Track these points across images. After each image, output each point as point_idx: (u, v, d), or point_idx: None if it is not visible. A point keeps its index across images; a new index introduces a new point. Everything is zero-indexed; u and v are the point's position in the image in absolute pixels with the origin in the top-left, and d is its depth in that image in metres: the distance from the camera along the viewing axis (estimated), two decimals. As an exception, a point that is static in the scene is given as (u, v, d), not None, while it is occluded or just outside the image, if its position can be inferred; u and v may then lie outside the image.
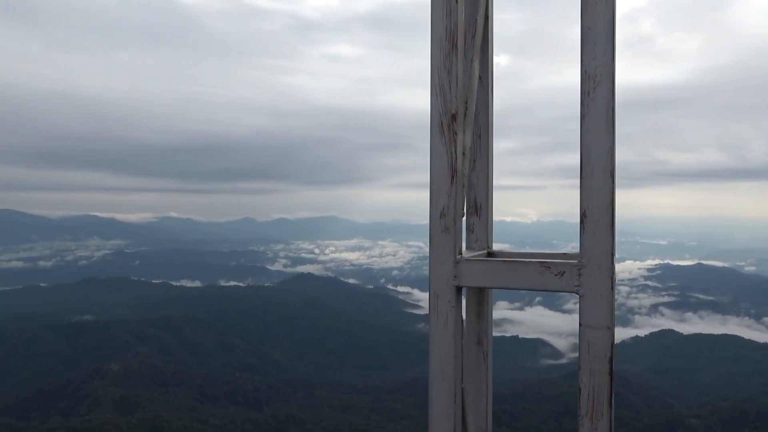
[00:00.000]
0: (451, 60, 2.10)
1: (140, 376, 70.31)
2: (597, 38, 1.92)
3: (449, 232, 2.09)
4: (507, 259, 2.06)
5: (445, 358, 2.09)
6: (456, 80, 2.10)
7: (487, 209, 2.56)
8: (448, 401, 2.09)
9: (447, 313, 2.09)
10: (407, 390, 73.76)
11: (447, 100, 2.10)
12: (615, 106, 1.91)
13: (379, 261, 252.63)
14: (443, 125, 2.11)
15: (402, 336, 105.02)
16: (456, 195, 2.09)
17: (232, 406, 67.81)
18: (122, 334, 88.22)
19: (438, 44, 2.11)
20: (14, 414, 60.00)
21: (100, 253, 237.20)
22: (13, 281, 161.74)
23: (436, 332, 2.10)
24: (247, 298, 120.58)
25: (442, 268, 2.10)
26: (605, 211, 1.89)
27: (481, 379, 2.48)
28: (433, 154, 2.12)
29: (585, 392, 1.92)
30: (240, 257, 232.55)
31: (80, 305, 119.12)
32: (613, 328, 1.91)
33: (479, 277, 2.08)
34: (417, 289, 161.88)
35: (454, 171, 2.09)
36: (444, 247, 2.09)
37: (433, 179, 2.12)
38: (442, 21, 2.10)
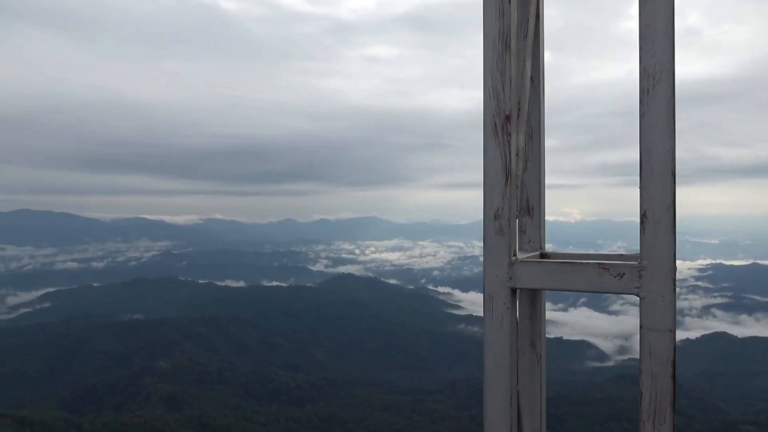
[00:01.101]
0: (504, 61, 2.09)
1: (187, 373, 72.27)
2: (656, 35, 1.88)
3: (504, 233, 2.08)
4: (564, 261, 2.04)
5: (500, 360, 2.09)
6: (510, 81, 2.09)
7: (540, 210, 2.54)
8: (504, 404, 2.09)
9: (502, 315, 2.08)
10: (448, 391, 73.33)
11: (500, 101, 2.09)
12: (675, 104, 1.87)
13: (420, 261, 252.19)
14: (497, 126, 2.10)
15: (442, 336, 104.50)
16: (510, 196, 2.08)
17: (276, 404, 68.91)
18: (170, 333, 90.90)
19: (491, 45, 2.11)
20: (70, 408, 62.61)
21: (149, 254, 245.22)
22: (69, 281, 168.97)
23: (491, 334, 2.10)
24: (290, 298, 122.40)
25: (496, 270, 2.09)
26: (666, 212, 1.85)
27: (534, 382, 2.46)
28: (487, 155, 2.11)
29: (647, 396, 1.88)
30: (282, 258, 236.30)
31: (130, 304, 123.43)
32: (675, 330, 1.86)
33: (535, 278, 2.06)
34: (457, 290, 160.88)
35: (508, 172, 2.08)
36: (498, 249, 2.09)
37: (486, 180, 2.11)
38: (494, 22, 2.10)
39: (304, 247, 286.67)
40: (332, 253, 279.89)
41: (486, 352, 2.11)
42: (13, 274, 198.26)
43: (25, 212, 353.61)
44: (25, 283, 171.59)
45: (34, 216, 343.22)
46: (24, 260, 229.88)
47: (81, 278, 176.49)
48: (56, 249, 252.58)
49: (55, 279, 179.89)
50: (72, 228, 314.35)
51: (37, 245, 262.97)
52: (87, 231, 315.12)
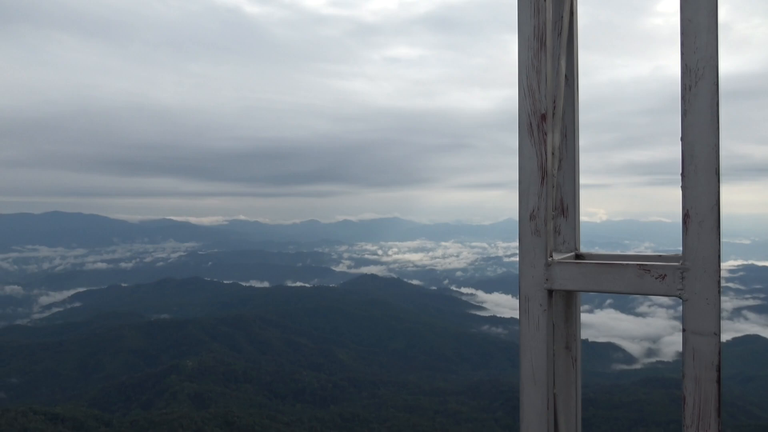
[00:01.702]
0: (539, 59, 2.06)
1: (213, 372, 73.22)
2: (699, 30, 1.83)
3: (540, 234, 2.05)
4: (602, 262, 2.00)
5: (536, 363, 2.05)
6: (545, 79, 2.06)
7: (574, 210, 2.49)
8: (540, 407, 2.05)
9: (538, 317, 2.05)
10: (472, 392, 72.90)
11: (536, 99, 2.06)
12: (719, 101, 1.82)
13: (442, 262, 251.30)
14: (532, 125, 2.07)
15: (466, 338, 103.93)
16: (547, 196, 2.05)
17: (300, 403, 69.35)
18: (196, 332, 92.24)
19: (526, 43, 2.08)
20: (100, 405, 63.98)
21: (175, 255, 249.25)
22: (98, 281, 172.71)
23: (527, 336, 2.06)
24: (313, 298, 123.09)
25: (532, 271, 2.06)
26: (710, 212, 1.80)
27: (570, 385, 2.42)
28: (522, 154, 2.08)
29: (690, 401, 1.83)
30: (305, 258, 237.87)
31: (158, 304, 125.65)
32: (719, 334, 1.81)
33: (572, 280, 2.02)
34: (481, 291, 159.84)
35: (545, 172, 2.05)
36: (535, 250, 2.05)
37: (522, 180, 2.08)
38: (530, 20, 2.07)
39: (327, 248, 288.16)
40: (355, 253, 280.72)
41: (522, 354, 2.07)
42: (45, 274, 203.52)
43: (56, 214, 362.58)
44: (57, 283, 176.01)
45: (65, 218, 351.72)
46: (56, 261, 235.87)
47: (110, 278, 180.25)
48: (86, 250, 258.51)
49: (86, 279, 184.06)
50: (101, 229, 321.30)
51: (68, 246, 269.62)
52: (116, 232, 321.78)
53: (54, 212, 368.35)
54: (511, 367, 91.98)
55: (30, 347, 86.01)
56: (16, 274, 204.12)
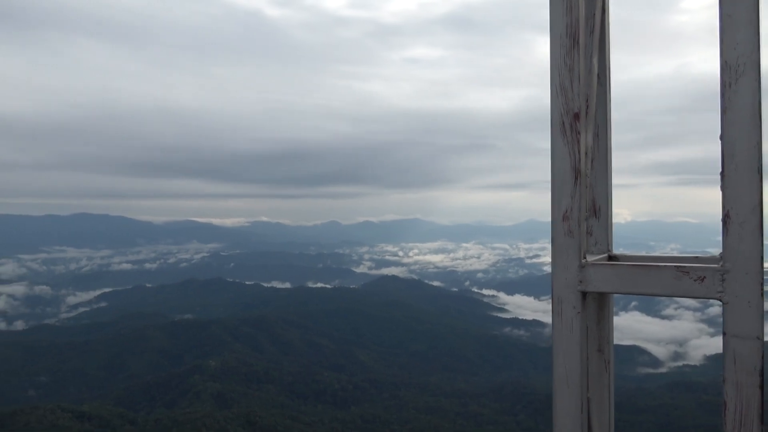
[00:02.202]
0: (572, 57, 2.03)
1: (235, 372, 73.95)
2: (739, 25, 1.78)
3: (573, 235, 2.01)
4: (638, 264, 1.96)
5: (570, 366, 2.02)
6: (578, 78, 2.02)
7: (607, 211, 2.45)
8: (574, 411, 2.02)
9: (572, 320, 2.01)
10: (493, 395, 72.38)
11: (569, 98, 2.03)
12: (761, 98, 1.77)
13: (464, 263, 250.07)
14: (565, 125, 2.04)
15: (487, 340, 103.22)
16: (580, 196, 2.01)
17: (321, 404, 69.63)
18: (219, 332, 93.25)
19: (558, 41, 2.05)
20: (125, 404, 65.07)
21: (198, 255, 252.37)
22: (124, 282, 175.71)
23: (560, 339, 2.03)
24: (334, 299, 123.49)
25: (566, 273, 2.02)
26: (752, 212, 1.75)
27: (603, 389, 2.38)
28: (555, 154, 2.05)
29: (731, 407, 1.78)
30: (326, 260, 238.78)
31: (181, 304, 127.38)
32: (762, 338, 1.76)
33: (607, 282, 1.99)
34: (502, 293, 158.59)
35: (578, 172, 2.02)
36: (568, 251, 2.02)
37: (554, 180, 2.05)
38: (562, 17, 2.04)
39: (347, 249, 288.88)
40: (376, 255, 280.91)
41: (555, 357, 2.04)
42: (72, 274, 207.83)
43: (83, 216, 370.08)
44: (84, 283, 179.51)
45: (91, 219, 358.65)
46: (82, 261, 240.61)
47: (135, 279, 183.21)
48: (112, 251, 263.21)
49: (111, 279, 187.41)
50: (127, 231, 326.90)
51: (94, 247, 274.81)
52: (140, 233, 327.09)
53: (81, 214, 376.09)
54: (534, 369, 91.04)
55: (58, 346, 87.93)
56: (44, 274, 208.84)
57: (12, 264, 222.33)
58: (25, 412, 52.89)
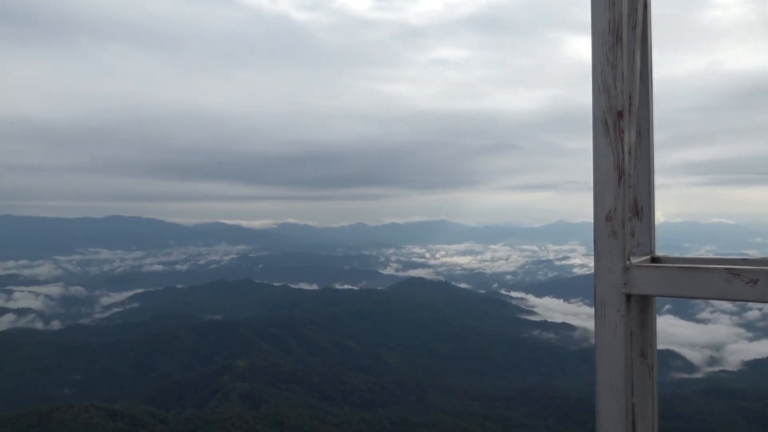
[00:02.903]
0: (615, 54, 1.98)
1: (264, 372, 74.72)
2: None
3: (617, 236, 1.96)
4: (685, 266, 1.89)
5: (614, 371, 1.96)
6: (621, 75, 1.97)
7: (650, 211, 2.38)
8: (618, 417, 1.96)
9: (616, 323, 1.96)
10: (522, 398, 71.54)
11: (612, 96, 1.98)
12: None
13: (491, 265, 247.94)
14: (608, 123, 1.99)
15: (516, 343, 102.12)
16: (624, 196, 1.96)
17: (348, 405, 69.79)
18: (247, 333, 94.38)
19: (600, 38, 2.00)
20: (156, 403, 66.29)
21: (227, 257, 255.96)
22: (155, 283, 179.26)
23: (604, 343, 1.98)
24: (361, 301, 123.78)
25: (609, 275, 1.97)
26: (809, 212, 1.67)
27: (647, 395, 2.31)
28: (597, 153, 2.01)
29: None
30: (353, 261, 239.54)
31: (211, 305, 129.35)
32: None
33: (652, 284, 1.93)
34: (531, 295, 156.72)
35: (621, 171, 1.97)
36: (611, 253, 1.97)
37: (597, 180, 2.00)
38: (604, 13, 1.99)
39: (374, 251, 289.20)
40: (402, 256, 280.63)
41: (598, 362, 1.99)
42: (106, 276, 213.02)
43: (116, 218, 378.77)
44: (117, 284, 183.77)
45: (124, 222, 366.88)
46: (115, 263, 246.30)
47: (166, 280, 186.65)
48: (144, 252, 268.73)
49: (143, 281, 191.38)
50: (158, 233, 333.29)
51: (126, 249, 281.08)
52: (171, 235, 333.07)
53: (114, 216, 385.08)
54: (563, 373, 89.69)
55: (92, 346, 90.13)
56: (79, 275, 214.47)
57: (49, 265, 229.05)
58: (60, 409, 54.35)
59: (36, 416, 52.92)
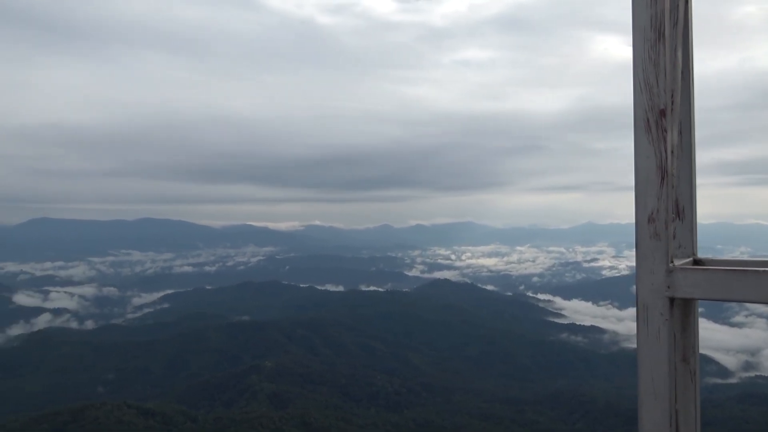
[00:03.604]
0: (657, 51, 1.93)
1: (291, 373, 75.30)
2: None
3: (660, 238, 1.91)
4: (732, 268, 1.83)
5: (657, 377, 1.91)
6: (664, 72, 1.92)
7: (691, 213, 2.32)
8: (662, 423, 1.91)
9: (659, 327, 1.91)
10: (550, 402, 70.63)
11: (654, 94, 1.93)
12: None
13: (518, 267, 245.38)
14: (650, 122, 1.94)
15: (544, 346, 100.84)
16: (667, 197, 1.91)
17: (374, 407, 69.83)
18: (274, 334, 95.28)
19: (641, 34, 1.95)
20: (186, 402, 67.37)
21: (255, 259, 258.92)
22: (185, 284, 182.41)
23: (646, 348, 1.93)
24: (387, 302, 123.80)
25: (652, 278, 1.92)
26: None
27: (689, 401, 2.24)
28: (639, 153, 1.96)
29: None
30: (379, 263, 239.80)
31: (239, 306, 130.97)
32: None
33: (697, 288, 1.87)
34: (559, 297, 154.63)
35: (664, 171, 1.92)
36: (654, 255, 1.92)
37: (639, 180, 1.96)
38: (646, 9, 1.94)
39: (400, 253, 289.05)
40: (428, 258, 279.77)
41: (640, 367, 1.94)
42: (137, 276, 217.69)
43: (147, 221, 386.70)
44: (148, 285, 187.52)
45: (155, 224, 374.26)
46: (147, 264, 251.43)
47: (195, 281, 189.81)
48: (174, 254, 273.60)
49: (174, 282, 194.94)
50: (188, 235, 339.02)
51: (157, 251, 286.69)
52: (200, 237, 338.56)
53: (145, 219, 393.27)
54: (592, 377, 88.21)
55: (124, 345, 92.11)
56: (112, 276, 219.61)
57: (83, 266, 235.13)
58: (94, 407, 55.65)
59: (71, 413, 54.31)
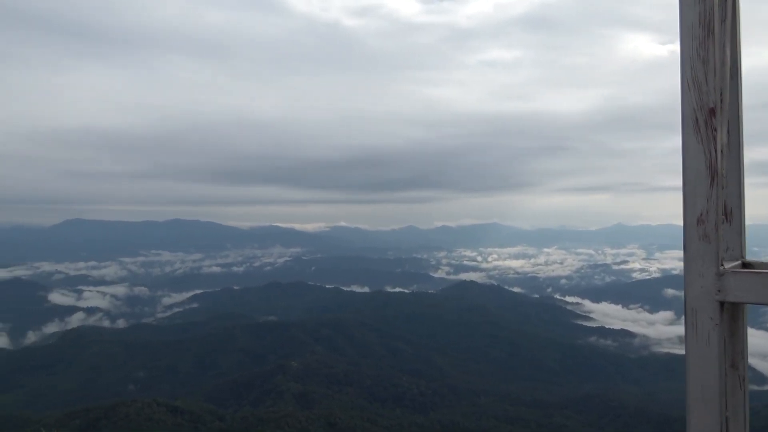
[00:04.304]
0: (706, 48, 1.88)
1: (317, 373, 75.76)
2: None
3: (709, 240, 1.86)
4: (788, 272, 1.77)
5: (707, 383, 1.86)
6: (713, 70, 1.87)
7: (740, 214, 2.25)
8: (712, 431, 1.85)
9: (709, 332, 1.86)
10: (578, 407, 69.61)
11: (703, 92, 1.88)
12: None
13: (545, 269, 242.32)
14: (698, 121, 1.89)
15: (572, 349, 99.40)
16: (717, 198, 1.86)
17: (399, 408, 69.78)
18: (300, 334, 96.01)
19: (689, 31, 1.90)
20: (214, 401, 68.35)
21: (281, 260, 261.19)
22: (213, 284, 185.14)
23: (695, 353, 1.88)
24: (412, 303, 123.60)
25: (701, 281, 1.87)
26: None
27: (738, 408, 2.17)
28: (687, 153, 1.91)
29: None
30: (404, 264, 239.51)
31: (265, 306, 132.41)
32: None
33: (749, 291, 1.81)
34: (588, 300, 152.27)
35: (714, 171, 1.86)
36: (703, 257, 1.87)
37: (687, 181, 1.91)
38: (694, 6, 1.89)
39: (425, 254, 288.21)
40: (454, 260, 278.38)
41: (689, 373, 1.89)
42: (167, 277, 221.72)
43: (177, 222, 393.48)
44: (178, 285, 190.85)
45: (184, 225, 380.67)
46: (176, 264, 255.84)
47: (223, 281, 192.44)
48: (203, 255, 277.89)
49: (202, 282, 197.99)
50: (216, 235, 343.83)
51: (187, 251, 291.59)
52: (228, 238, 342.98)
53: (175, 220, 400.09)
54: (622, 381, 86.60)
55: (155, 344, 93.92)
56: (143, 276, 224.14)
57: (115, 266, 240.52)
58: (125, 404, 56.83)
59: (103, 410, 55.56)
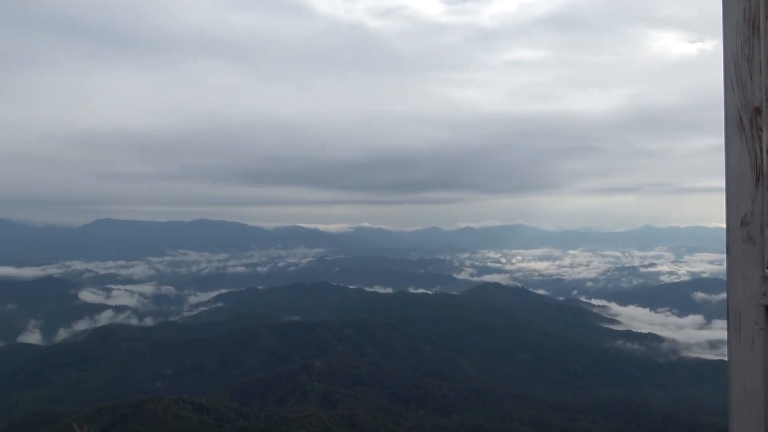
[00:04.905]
0: (751, 46, 1.83)
1: (340, 374, 75.95)
2: None
3: (754, 242, 1.81)
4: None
5: (750, 389, 1.81)
6: (759, 68, 1.82)
7: (784, 215, 2.19)
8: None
9: (753, 336, 1.81)
10: (604, 411, 68.50)
11: (748, 91, 1.84)
12: None
13: (571, 271, 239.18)
14: (743, 121, 1.85)
15: (598, 353, 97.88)
16: (762, 199, 1.81)
17: (422, 410, 69.52)
18: (324, 334, 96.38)
19: (733, 29, 1.86)
20: (238, 399, 69.02)
21: (305, 260, 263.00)
22: (238, 284, 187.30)
23: (739, 357, 1.83)
24: (435, 305, 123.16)
25: (745, 284, 1.82)
26: None
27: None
28: (731, 153, 1.86)
29: None
30: (427, 265, 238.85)
31: (289, 306, 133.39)
32: None
33: (797, 295, 1.76)
34: (614, 303, 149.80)
35: (759, 172, 1.81)
36: (748, 260, 1.82)
37: (731, 182, 1.86)
38: (739, 3, 1.85)
39: (449, 255, 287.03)
40: (477, 261, 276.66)
41: (732, 377, 1.84)
42: (193, 276, 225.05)
43: (203, 222, 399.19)
44: (203, 284, 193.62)
45: (210, 225, 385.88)
46: (202, 264, 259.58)
47: (248, 281, 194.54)
48: (228, 255, 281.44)
49: (228, 281, 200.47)
50: (240, 236, 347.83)
51: (212, 251, 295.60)
52: (253, 239, 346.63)
53: (200, 220, 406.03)
54: (650, 386, 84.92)
55: (181, 343, 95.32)
56: (170, 275, 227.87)
57: (143, 265, 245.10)
58: (153, 401, 57.80)
59: (131, 407, 56.59)
